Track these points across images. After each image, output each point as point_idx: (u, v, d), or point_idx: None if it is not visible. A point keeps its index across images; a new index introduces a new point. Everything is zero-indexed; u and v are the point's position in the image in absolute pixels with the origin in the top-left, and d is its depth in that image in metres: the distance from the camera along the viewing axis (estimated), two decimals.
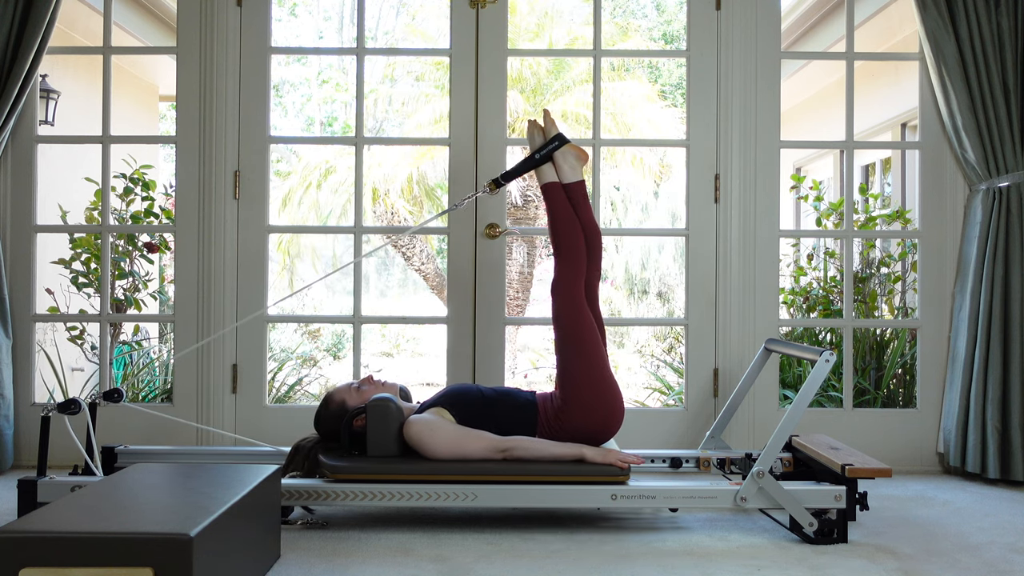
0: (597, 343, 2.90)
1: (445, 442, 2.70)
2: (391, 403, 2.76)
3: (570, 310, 2.91)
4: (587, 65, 9.88)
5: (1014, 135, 3.48)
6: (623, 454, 2.73)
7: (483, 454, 2.70)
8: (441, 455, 2.70)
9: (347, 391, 2.89)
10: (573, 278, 2.95)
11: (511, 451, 2.70)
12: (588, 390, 2.82)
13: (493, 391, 2.91)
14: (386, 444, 2.74)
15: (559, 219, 3.01)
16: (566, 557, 2.48)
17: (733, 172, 3.64)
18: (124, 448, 3.12)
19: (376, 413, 2.75)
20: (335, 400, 2.88)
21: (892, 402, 4.47)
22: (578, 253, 2.97)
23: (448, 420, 2.78)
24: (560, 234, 3.00)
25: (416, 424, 2.73)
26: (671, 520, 2.86)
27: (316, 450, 2.82)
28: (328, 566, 2.38)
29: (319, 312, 12.30)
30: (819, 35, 6.13)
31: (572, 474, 2.68)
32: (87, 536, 1.78)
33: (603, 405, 2.82)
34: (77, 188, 5.07)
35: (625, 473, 2.69)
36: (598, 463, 2.70)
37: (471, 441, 2.71)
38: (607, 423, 2.83)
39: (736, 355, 3.63)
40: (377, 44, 14.92)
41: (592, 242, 3.03)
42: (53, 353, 4.53)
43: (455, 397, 2.86)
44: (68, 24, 5.30)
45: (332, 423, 2.86)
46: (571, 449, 2.72)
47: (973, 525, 2.85)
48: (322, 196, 10.49)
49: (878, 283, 4.91)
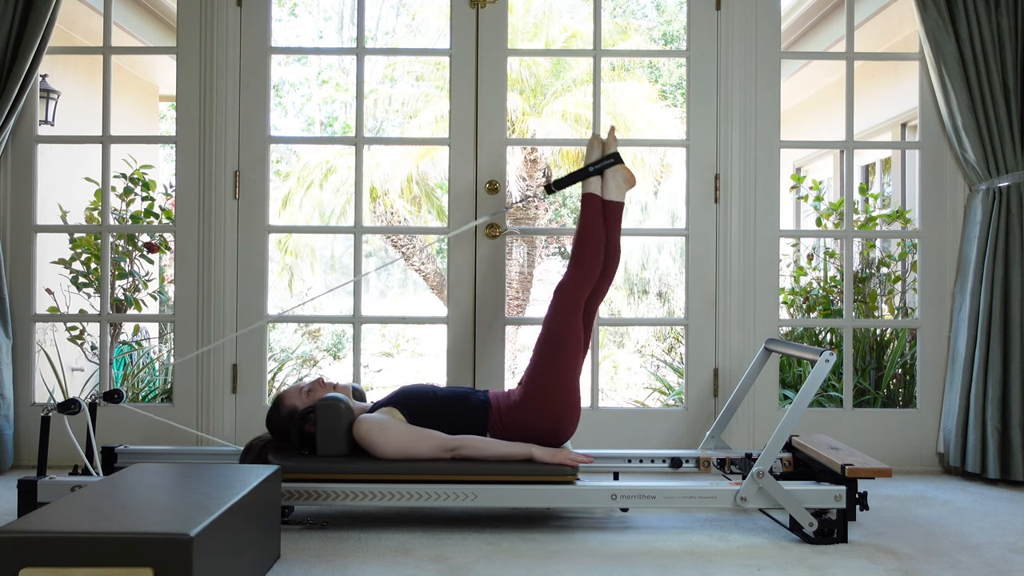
0: (576, 354, 2.92)
1: (394, 441, 2.70)
2: (341, 403, 2.77)
3: (564, 315, 2.93)
4: (587, 65, 9.87)
5: (1014, 135, 3.48)
6: (572, 454, 2.73)
7: (432, 453, 2.71)
8: (390, 454, 2.70)
9: (297, 393, 2.89)
10: (580, 287, 2.98)
11: (460, 450, 2.71)
12: (553, 392, 2.83)
13: (446, 391, 2.93)
14: (335, 443, 2.74)
15: (588, 229, 3.04)
16: (566, 557, 2.48)
17: (733, 172, 3.64)
18: (124, 448, 3.12)
19: (325, 413, 2.75)
20: (285, 401, 2.88)
21: (892, 402, 4.47)
22: (594, 266, 3.01)
23: (399, 419, 2.79)
24: (584, 243, 3.03)
25: (365, 423, 2.73)
26: (670, 520, 2.86)
27: (267, 449, 2.83)
28: (328, 566, 2.38)
29: (319, 312, 12.29)
30: (819, 35, 6.13)
31: (522, 473, 2.68)
32: (87, 536, 1.78)
33: (562, 409, 2.83)
34: (77, 188, 5.07)
35: (574, 473, 2.70)
36: (547, 463, 2.70)
37: (420, 440, 2.71)
38: (561, 428, 2.84)
39: (736, 355, 3.63)
40: (377, 44, 14.91)
41: (610, 263, 3.08)
42: (53, 353, 4.53)
43: (406, 397, 2.87)
44: (68, 24, 5.30)
45: (283, 423, 2.86)
46: (520, 449, 2.73)
47: (973, 525, 2.85)
48: (323, 196, 10.49)
49: (878, 283, 4.91)
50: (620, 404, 7.44)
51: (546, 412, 2.82)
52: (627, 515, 2.92)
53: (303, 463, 2.70)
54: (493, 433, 2.84)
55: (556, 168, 9.95)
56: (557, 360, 2.88)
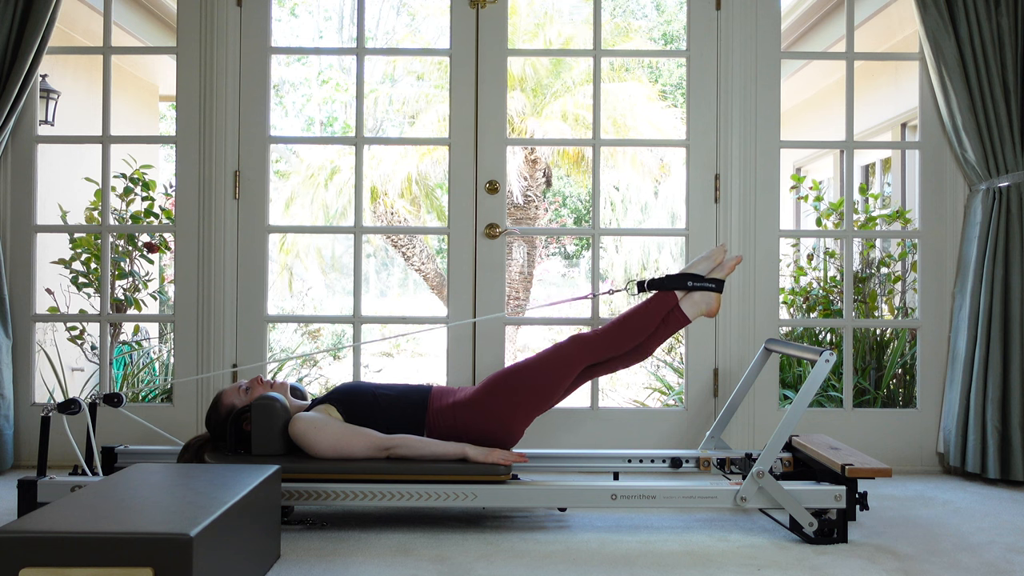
0: (550, 396, 2.87)
1: (328, 440, 2.69)
2: (276, 402, 2.76)
3: (562, 361, 2.88)
4: (587, 65, 9.88)
5: (1014, 135, 3.48)
6: (505, 453, 2.73)
7: (366, 452, 2.70)
8: (324, 453, 2.69)
9: (235, 394, 2.88)
10: (595, 350, 2.91)
11: (394, 449, 2.70)
12: (509, 406, 2.81)
13: (386, 388, 2.91)
14: (271, 443, 2.73)
15: (644, 317, 2.94)
16: (565, 557, 2.48)
17: (733, 172, 3.64)
18: (124, 448, 3.12)
19: (260, 412, 2.74)
20: (224, 401, 2.87)
21: (892, 402, 4.47)
22: (623, 346, 2.93)
23: (335, 417, 2.78)
24: (630, 322, 2.94)
25: (300, 422, 2.72)
26: (671, 520, 2.86)
27: (204, 448, 2.84)
28: (328, 566, 2.38)
29: (319, 312, 12.30)
30: (819, 35, 6.13)
31: (455, 473, 2.68)
32: (87, 536, 1.78)
33: (512, 427, 2.82)
34: (77, 188, 5.07)
35: (507, 472, 2.69)
36: (480, 462, 2.69)
37: (354, 439, 2.70)
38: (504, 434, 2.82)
39: (736, 355, 3.63)
40: (377, 44, 14.91)
41: (635, 356, 2.99)
42: (53, 353, 4.53)
43: (344, 395, 2.85)
44: (68, 24, 5.30)
45: (221, 422, 2.85)
46: (454, 448, 2.72)
47: (973, 525, 2.85)
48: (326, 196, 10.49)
49: (878, 283, 4.91)
50: (620, 404, 7.44)
51: (492, 422, 2.80)
52: (626, 515, 2.91)
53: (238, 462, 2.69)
54: (430, 431, 2.82)
55: (555, 168, 9.94)
56: (528, 391, 2.84)
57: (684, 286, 2.96)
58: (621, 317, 2.96)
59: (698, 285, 2.96)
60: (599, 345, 2.92)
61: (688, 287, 2.96)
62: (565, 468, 3.15)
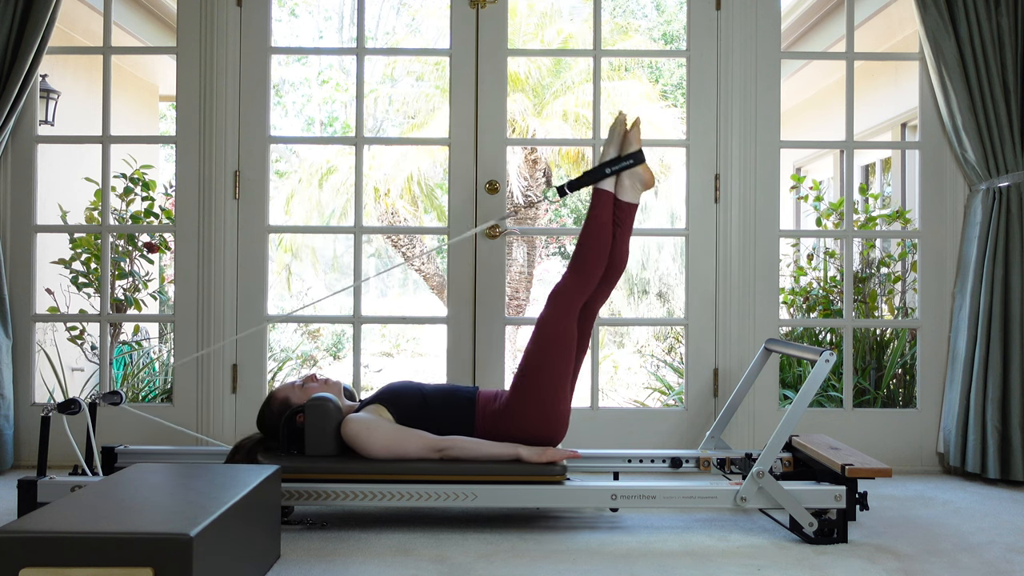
0: (568, 360, 2.82)
1: (382, 441, 2.69)
2: (330, 402, 2.76)
3: (558, 322, 2.82)
4: (586, 65, 9.87)
5: (1014, 135, 3.48)
6: (560, 451, 2.72)
7: (419, 453, 2.69)
8: (377, 454, 2.69)
9: (290, 389, 2.88)
10: (577, 294, 2.84)
11: (448, 451, 2.70)
12: (541, 396, 2.78)
13: (434, 389, 2.90)
14: (324, 443, 2.74)
15: (594, 231, 2.85)
16: (566, 557, 2.48)
17: (733, 172, 3.64)
18: (124, 448, 3.12)
19: (314, 412, 2.74)
20: (278, 398, 2.87)
21: (892, 402, 4.47)
22: (595, 270, 2.85)
23: (386, 418, 2.77)
24: (587, 247, 2.85)
25: (353, 423, 2.72)
26: (671, 520, 2.86)
27: (257, 448, 2.83)
28: (328, 566, 2.38)
29: (319, 312, 12.29)
30: (819, 35, 6.13)
31: (509, 474, 2.68)
32: (87, 536, 1.78)
33: (550, 415, 2.79)
34: (77, 188, 5.08)
35: (563, 472, 2.69)
36: (535, 462, 2.69)
37: (408, 440, 2.70)
38: (550, 431, 2.79)
39: (736, 355, 3.63)
40: (377, 44, 14.90)
41: (614, 269, 2.91)
42: (53, 353, 4.53)
43: (394, 395, 2.85)
44: (68, 24, 5.30)
45: (274, 421, 2.85)
46: (507, 449, 2.71)
47: (973, 525, 2.85)
48: (323, 196, 10.49)
49: (878, 283, 4.91)
50: (620, 404, 7.44)
51: (531, 422, 2.78)
52: (625, 515, 2.91)
53: (292, 462, 2.69)
54: (480, 433, 2.81)
55: (556, 168, 9.94)
56: (543, 368, 2.79)
57: (604, 175, 2.87)
58: (578, 245, 2.86)
59: (617, 168, 2.87)
60: (575, 284, 2.84)
61: (608, 174, 2.87)
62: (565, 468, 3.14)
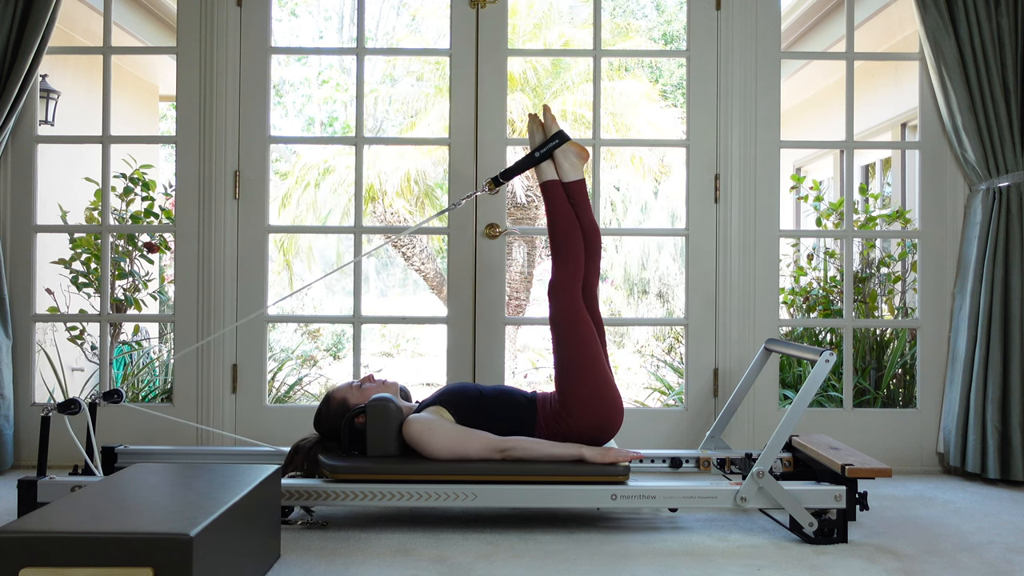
0: (595, 345, 2.87)
1: (444, 442, 2.69)
2: (391, 403, 2.76)
3: (567, 312, 2.87)
4: (586, 65, 9.87)
5: (1014, 135, 3.48)
6: (623, 452, 2.72)
7: (482, 454, 2.69)
8: (440, 455, 2.69)
9: (348, 389, 2.88)
10: (571, 280, 2.91)
11: (510, 451, 2.69)
12: (586, 392, 2.80)
13: (492, 390, 2.90)
14: (386, 444, 2.74)
15: (558, 219, 2.96)
16: (566, 557, 2.48)
17: (733, 172, 3.64)
18: (124, 448, 3.12)
19: (376, 412, 2.74)
20: (336, 399, 2.87)
21: (892, 402, 4.47)
22: (576, 254, 2.93)
23: (447, 419, 2.77)
24: (559, 234, 2.95)
25: (415, 424, 2.72)
26: (671, 520, 2.86)
27: (316, 450, 2.81)
28: (328, 566, 2.38)
29: (319, 312, 12.30)
30: (819, 35, 6.13)
31: (572, 474, 2.67)
32: (87, 536, 1.78)
33: (602, 406, 2.80)
34: (77, 188, 5.07)
35: (626, 472, 2.68)
36: (598, 463, 2.69)
37: (470, 441, 2.70)
38: (606, 424, 2.81)
39: (736, 355, 3.63)
40: (377, 44, 14.90)
41: (591, 242, 3.00)
42: (53, 353, 4.53)
43: (454, 396, 2.84)
44: (68, 24, 5.30)
45: (333, 422, 2.85)
46: (570, 449, 2.71)
47: (973, 525, 2.85)
48: (321, 195, 10.49)
49: (878, 283, 4.91)
50: None
51: (587, 413, 2.79)
52: (626, 515, 2.92)
53: (355, 463, 2.68)
54: (540, 434, 2.82)
55: None
56: (580, 358, 2.82)
57: (535, 160, 3.02)
58: (550, 235, 2.97)
59: (544, 151, 3.01)
60: (564, 269, 2.92)
61: (538, 159, 3.01)
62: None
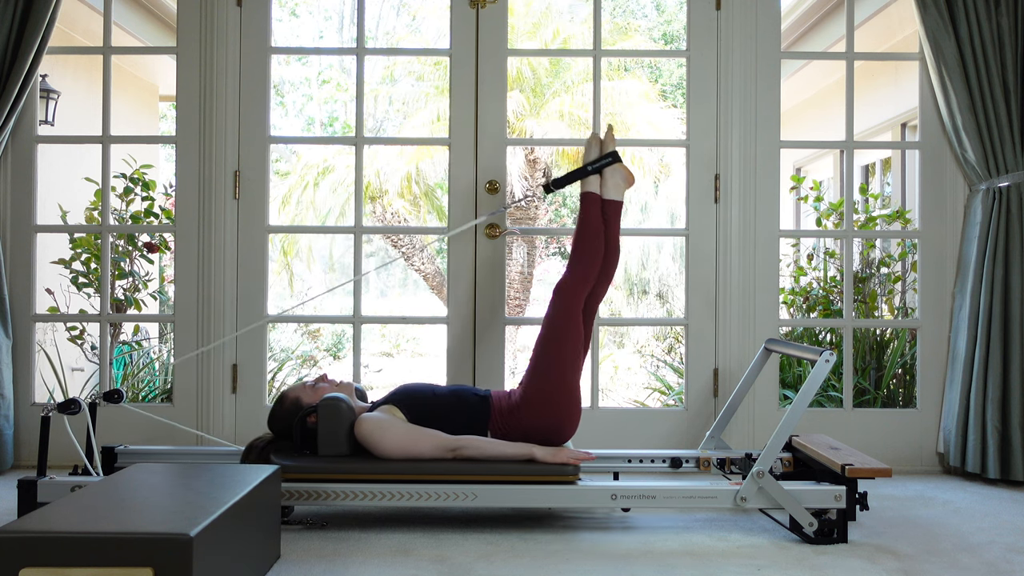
0: (577, 353, 2.92)
1: (395, 441, 2.69)
2: (343, 402, 2.76)
3: (565, 314, 2.93)
4: (585, 65, 9.87)
5: (1014, 135, 3.48)
6: (574, 452, 2.73)
7: (433, 453, 2.70)
8: (391, 454, 2.70)
9: (302, 389, 2.89)
10: (580, 286, 2.98)
11: (461, 450, 2.70)
12: (553, 393, 2.83)
13: (446, 389, 2.92)
14: (337, 443, 2.74)
15: (587, 228, 3.05)
16: (566, 557, 2.48)
17: (733, 172, 3.64)
18: (124, 448, 3.12)
19: (327, 412, 2.74)
20: (289, 398, 2.88)
21: (892, 402, 4.47)
22: (593, 264, 3.01)
23: (399, 418, 2.78)
24: (583, 241, 3.03)
25: (366, 423, 2.72)
26: (671, 520, 2.86)
27: (269, 449, 2.83)
28: (328, 566, 2.38)
29: (319, 312, 12.29)
30: (819, 35, 6.13)
31: (523, 474, 2.68)
32: (87, 536, 1.78)
33: (561, 411, 2.83)
34: (77, 188, 5.07)
35: (576, 472, 2.69)
36: (549, 462, 2.70)
37: (421, 440, 2.71)
38: (560, 428, 2.84)
39: (736, 355, 3.63)
40: (377, 44, 14.91)
41: (609, 261, 3.08)
42: (53, 353, 4.53)
43: (407, 395, 2.86)
44: (68, 24, 5.30)
45: (286, 421, 2.86)
46: (521, 449, 2.72)
47: (973, 525, 2.85)
48: (320, 195, 10.49)
49: (878, 283, 4.91)
50: (620, 404, 7.44)
51: (546, 413, 2.82)
52: (627, 515, 2.92)
53: (304, 462, 2.70)
54: (494, 433, 2.84)
55: (556, 168, 9.95)
56: (557, 360, 2.88)
57: (586, 172, 3.14)
58: (574, 242, 3.06)
59: (597, 166, 3.13)
60: (577, 276, 2.99)
61: (589, 171, 3.13)
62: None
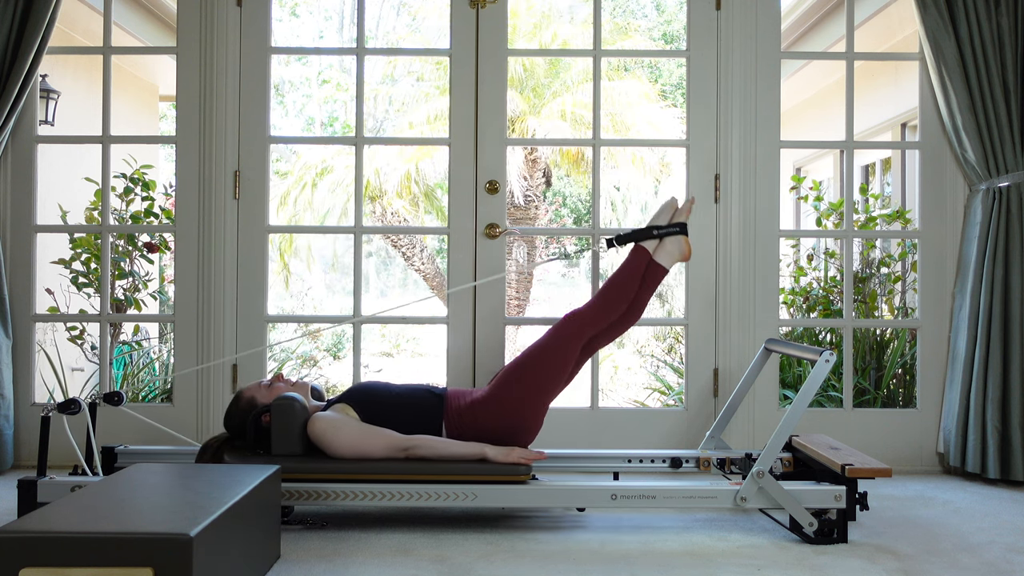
0: (557, 381, 2.91)
1: (347, 440, 2.69)
2: (296, 401, 2.76)
3: (563, 342, 2.93)
4: (585, 65, 9.87)
5: (1014, 135, 3.48)
6: (526, 452, 2.73)
7: (385, 452, 2.70)
8: (343, 453, 2.69)
9: (257, 388, 2.87)
10: (590, 326, 2.98)
11: (413, 450, 2.70)
12: (520, 402, 2.82)
13: (401, 388, 2.92)
14: (290, 443, 2.73)
15: (625, 278, 3.05)
16: (566, 557, 2.48)
17: (733, 172, 3.64)
18: (124, 448, 3.12)
19: (280, 411, 2.74)
20: (244, 397, 2.86)
21: (892, 402, 4.47)
22: (613, 312, 3.02)
23: (352, 417, 2.77)
24: (615, 287, 3.04)
25: (319, 422, 2.72)
26: (671, 520, 2.86)
27: (223, 448, 2.82)
28: (328, 566, 2.38)
29: (319, 312, 12.29)
30: (819, 35, 6.13)
31: (475, 473, 2.68)
32: (87, 536, 1.78)
33: (522, 421, 2.83)
34: (77, 188, 5.07)
35: (528, 472, 2.69)
36: (500, 462, 2.70)
37: (373, 439, 2.71)
38: (514, 436, 2.83)
39: (736, 355, 3.63)
40: (377, 44, 14.91)
41: (628, 318, 3.09)
42: (53, 353, 4.53)
43: (360, 394, 2.86)
44: (68, 24, 5.30)
45: (241, 420, 2.85)
46: (474, 448, 2.72)
47: (973, 525, 2.85)
48: (319, 195, 10.49)
49: (878, 283, 4.91)
50: (620, 404, 7.44)
51: (509, 415, 2.81)
52: (629, 515, 2.92)
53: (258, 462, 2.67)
54: (448, 431, 2.83)
55: (555, 168, 9.95)
56: (534, 378, 2.87)
57: (650, 235, 3.11)
58: (606, 284, 3.06)
59: (663, 231, 3.11)
60: (592, 315, 3.00)
61: (654, 235, 3.11)
62: (565, 468, 3.15)
